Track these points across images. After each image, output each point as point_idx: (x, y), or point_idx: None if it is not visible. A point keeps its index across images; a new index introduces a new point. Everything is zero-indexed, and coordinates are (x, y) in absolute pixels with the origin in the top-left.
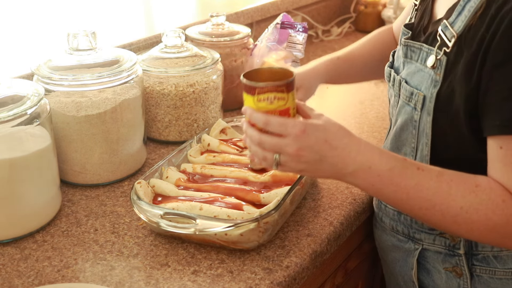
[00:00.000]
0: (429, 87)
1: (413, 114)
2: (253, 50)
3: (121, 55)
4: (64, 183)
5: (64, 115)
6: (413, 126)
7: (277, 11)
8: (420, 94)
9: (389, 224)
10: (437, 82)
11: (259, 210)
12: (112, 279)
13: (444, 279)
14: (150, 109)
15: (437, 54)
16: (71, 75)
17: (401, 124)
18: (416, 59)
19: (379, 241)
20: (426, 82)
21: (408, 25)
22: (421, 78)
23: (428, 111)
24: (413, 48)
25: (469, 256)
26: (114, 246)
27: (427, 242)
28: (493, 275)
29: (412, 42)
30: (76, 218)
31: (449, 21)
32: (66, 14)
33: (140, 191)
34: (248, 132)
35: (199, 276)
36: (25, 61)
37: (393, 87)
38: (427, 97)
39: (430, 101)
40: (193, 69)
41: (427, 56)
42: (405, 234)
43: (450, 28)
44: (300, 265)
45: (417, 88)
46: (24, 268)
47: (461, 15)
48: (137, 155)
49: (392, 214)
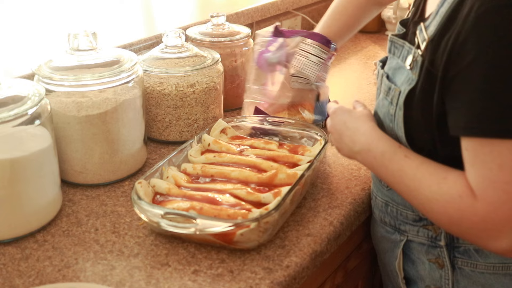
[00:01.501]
0: (405, 83)
1: (389, 108)
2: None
3: (122, 55)
4: (65, 183)
5: (65, 115)
6: (389, 120)
7: (277, 11)
8: (397, 90)
9: (378, 215)
10: (413, 80)
11: (259, 210)
12: (113, 279)
13: (428, 270)
14: (150, 109)
15: (414, 54)
16: (71, 75)
17: (381, 117)
18: (398, 56)
19: (373, 233)
20: (404, 79)
21: (404, 21)
22: (400, 75)
23: (400, 105)
24: (397, 45)
25: (451, 248)
26: (115, 246)
27: (411, 234)
28: (475, 268)
29: (396, 38)
30: (77, 218)
31: (426, 24)
32: (66, 14)
33: (140, 191)
34: None
35: (199, 276)
36: (26, 61)
37: (378, 80)
38: (401, 92)
39: (401, 96)
40: (193, 69)
41: (408, 54)
42: (391, 225)
43: (424, 31)
44: (300, 265)
45: (395, 84)
46: (25, 267)
47: (434, 19)
48: (138, 155)
49: (381, 205)
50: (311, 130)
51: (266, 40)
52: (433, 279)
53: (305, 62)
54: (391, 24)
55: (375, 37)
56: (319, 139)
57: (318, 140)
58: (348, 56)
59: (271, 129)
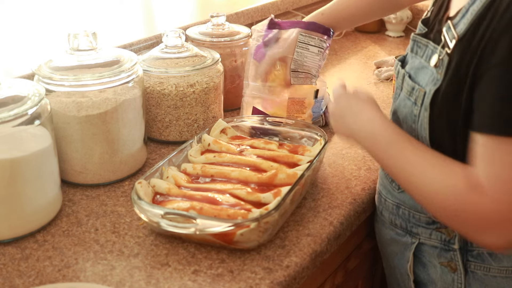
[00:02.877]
0: (430, 84)
1: (413, 108)
2: (257, 53)
3: (122, 55)
4: (65, 183)
5: (65, 115)
6: (412, 120)
7: (277, 11)
8: (421, 90)
9: (388, 217)
10: (438, 80)
11: (259, 210)
12: (113, 279)
13: (439, 273)
14: (150, 109)
15: (440, 53)
16: (71, 75)
17: (401, 117)
18: (421, 55)
19: (379, 235)
20: (428, 79)
21: (425, 20)
22: (424, 75)
23: (425, 106)
24: (420, 44)
25: (464, 251)
26: (115, 246)
27: (423, 236)
28: (488, 272)
29: (420, 37)
30: (77, 218)
31: (454, 22)
32: (66, 14)
33: (140, 191)
34: None
35: (199, 276)
36: (26, 61)
37: (397, 80)
38: (427, 93)
39: (427, 97)
40: (193, 69)
41: (432, 53)
42: (403, 228)
43: (453, 30)
44: (300, 265)
45: (419, 84)
46: (25, 267)
47: (464, 17)
48: (138, 155)
49: (391, 208)
50: (311, 130)
51: (262, 34)
52: (445, 283)
53: (306, 54)
54: (391, 24)
55: (375, 37)
56: (319, 139)
57: (318, 140)
58: (348, 56)
59: (271, 129)
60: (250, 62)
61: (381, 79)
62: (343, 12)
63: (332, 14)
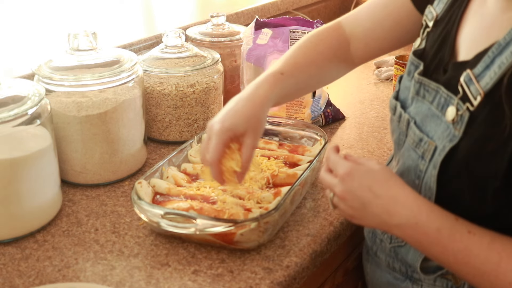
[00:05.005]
0: (444, 139)
1: (419, 162)
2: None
3: (122, 55)
4: (65, 183)
5: (65, 115)
6: (416, 176)
7: (277, 11)
8: (431, 144)
9: (385, 260)
10: (455, 137)
11: (259, 210)
12: (113, 279)
13: None
14: (150, 109)
15: (458, 107)
16: (71, 75)
17: (403, 169)
18: (431, 101)
19: (372, 277)
20: (442, 133)
21: (418, 52)
22: (435, 126)
23: (435, 163)
24: (428, 88)
25: None
26: (115, 246)
27: (426, 283)
28: None
29: (428, 80)
30: (77, 218)
31: (475, 72)
32: (66, 14)
33: (140, 191)
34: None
35: (199, 276)
36: (26, 61)
37: (399, 124)
38: (439, 148)
39: (439, 154)
40: (193, 69)
41: (446, 103)
42: (402, 272)
43: (476, 83)
44: (300, 265)
45: (428, 135)
46: (25, 267)
47: (490, 69)
48: (138, 155)
49: (389, 250)
50: (311, 130)
51: (251, 36)
52: None
53: None
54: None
55: None
56: (319, 139)
57: (318, 140)
58: None
59: (271, 129)
60: (244, 67)
61: (381, 79)
62: (304, 72)
63: (293, 72)
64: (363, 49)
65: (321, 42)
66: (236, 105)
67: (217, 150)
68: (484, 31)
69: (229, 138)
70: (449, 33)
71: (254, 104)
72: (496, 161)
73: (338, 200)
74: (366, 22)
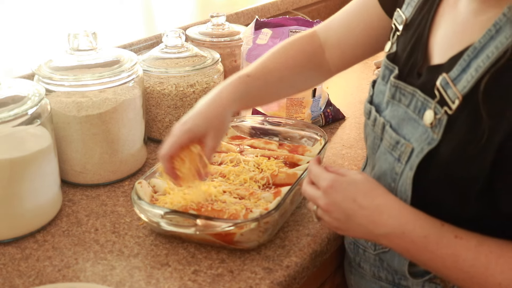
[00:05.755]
0: (422, 142)
1: (395, 165)
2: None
3: (122, 55)
4: (65, 183)
5: (65, 115)
6: (392, 179)
7: (277, 11)
8: (408, 146)
9: (370, 270)
10: (434, 140)
11: (259, 210)
12: (113, 279)
13: None
14: (150, 109)
15: (436, 111)
16: (71, 75)
17: (379, 173)
18: (407, 104)
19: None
20: (420, 136)
21: (391, 56)
22: (412, 129)
23: (411, 165)
24: (404, 92)
25: None
26: (115, 246)
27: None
28: None
29: (404, 84)
30: (77, 218)
31: (451, 76)
32: (66, 14)
33: (140, 191)
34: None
35: (199, 276)
36: (26, 61)
37: (374, 128)
38: (416, 150)
39: (417, 155)
40: (193, 69)
41: (423, 106)
42: (389, 280)
43: (453, 87)
44: (300, 265)
45: (405, 138)
46: (25, 267)
47: (466, 73)
48: (138, 155)
49: (373, 259)
50: (311, 130)
51: (251, 36)
52: None
53: None
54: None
55: None
56: (319, 139)
57: (318, 140)
58: None
59: (271, 129)
60: (244, 67)
61: None
62: (273, 75)
63: (260, 74)
64: (339, 57)
65: (293, 47)
66: (200, 107)
67: (171, 147)
68: (457, 34)
69: (189, 139)
70: (420, 36)
71: (217, 106)
72: (477, 163)
73: (322, 212)
74: (339, 28)
